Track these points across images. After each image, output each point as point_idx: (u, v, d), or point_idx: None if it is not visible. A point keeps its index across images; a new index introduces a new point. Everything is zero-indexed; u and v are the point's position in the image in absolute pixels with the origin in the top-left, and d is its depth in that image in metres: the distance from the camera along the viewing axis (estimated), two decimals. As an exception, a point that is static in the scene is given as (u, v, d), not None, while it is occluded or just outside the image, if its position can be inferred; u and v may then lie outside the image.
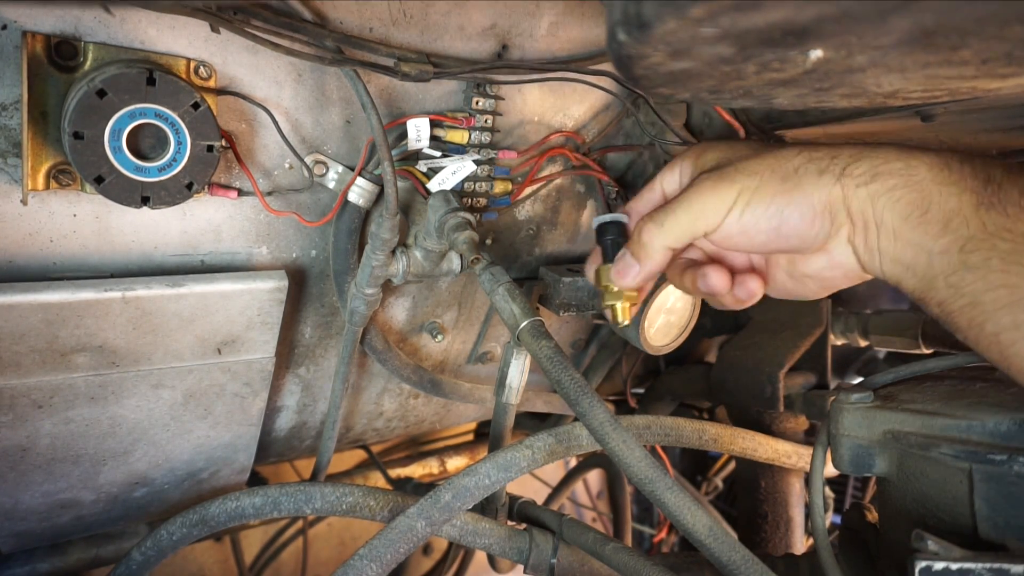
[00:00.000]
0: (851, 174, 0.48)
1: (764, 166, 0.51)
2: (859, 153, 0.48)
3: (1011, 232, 0.42)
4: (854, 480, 1.67)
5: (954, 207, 0.44)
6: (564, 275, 0.77)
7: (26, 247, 0.55)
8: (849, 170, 0.48)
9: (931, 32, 0.31)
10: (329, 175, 0.65)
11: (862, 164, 0.48)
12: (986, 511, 0.51)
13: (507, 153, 0.72)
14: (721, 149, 0.55)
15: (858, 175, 0.48)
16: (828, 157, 0.49)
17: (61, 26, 0.49)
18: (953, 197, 0.45)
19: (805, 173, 0.49)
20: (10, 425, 0.60)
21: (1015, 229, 0.42)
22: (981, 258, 0.43)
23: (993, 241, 0.43)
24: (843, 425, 0.61)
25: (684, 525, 0.53)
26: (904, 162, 0.47)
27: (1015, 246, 0.42)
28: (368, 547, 0.58)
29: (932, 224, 0.45)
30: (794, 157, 0.50)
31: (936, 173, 0.46)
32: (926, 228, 0.45)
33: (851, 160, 0.48)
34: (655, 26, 0.32)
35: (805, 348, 0.98)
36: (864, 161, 0.48)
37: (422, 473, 1.37)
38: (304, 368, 0.79)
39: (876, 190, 0.47)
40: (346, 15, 0.58)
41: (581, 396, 0.55)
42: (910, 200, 0.46)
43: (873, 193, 0.47)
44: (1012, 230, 0.42)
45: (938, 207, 0.45)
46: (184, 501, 0.81)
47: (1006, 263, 0.42)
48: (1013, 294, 0.42)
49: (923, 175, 0.46)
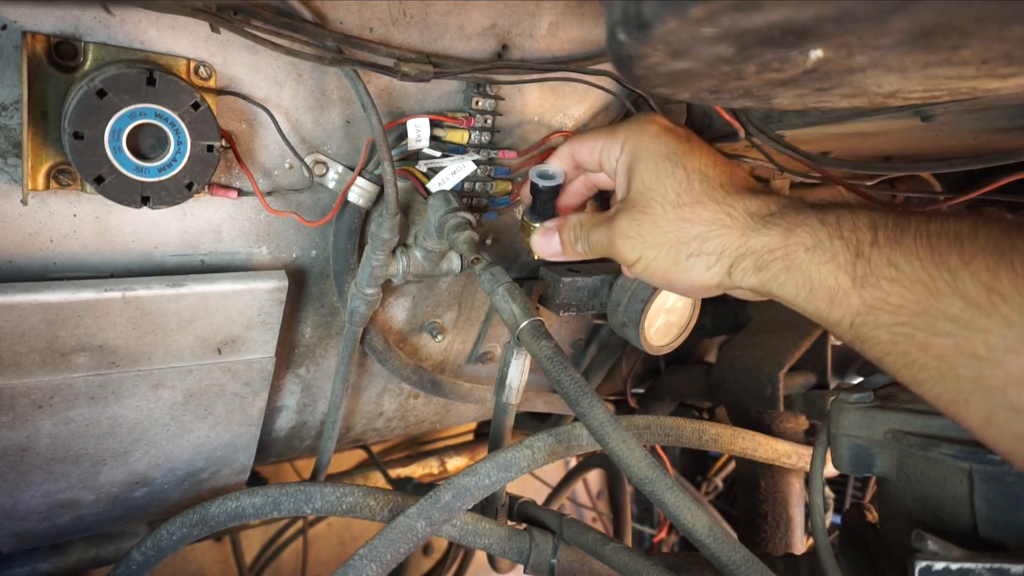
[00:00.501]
0: (737, 268, 0.53)
1: (664, 239, 0.55)
2: (744, 244, 0.52)
3: (889, 304, 0.45)
4: (854, 480, 1.67)
5: (833, 285, 0.47)
6: (564, 275, 0.77)
7: (26, 247, 0.55)
8: (734, 267, 0.53)
9: (931, 32, 0.31)
10: (329, 175, 0.65)
11: (746, 260, 0.52)
12: (986, 511, 0.51)
13: (507, 153, 0.72)
14: (647, 172, 0.58)
15: (743, 268, 0.52)
16: (716, 253, 0.53)
17: (61, 26, 0.49)
18: (831, 276, 0.47)
19: (693, 265, 0.54)
20: (10, 425, 0.60)
21: (891, 301, 0.44)
22: (869, 331, 0.46)
23: (875, 315, 0.45)
24: (843, 425, 0.61)
25: (684, 525, 0.53)
26: (783, 248, 0.50)
27: (896, 317, 0.44)
28: (368, 547, 0.58)
29: (820, 300, 0.48)
30: (691, 240, 0.54)
31: (812, 254, 0.49)
32: (816, 303, 0.49)
33: (736, 256, 0.53)
34: (655, 26, 0.32)
35: (805, 348, 0.98)
36: (748, 257, 0.52)
37: (422, 473, 1.37)
38: (304, 368, 0.79)
39: (763, 278, 0.51)
40: (346, 15, 0.58)
41: (581, 396, 0.55)
42: (795, 282, 0.49)
43: (762, 280, 0.52)
44: (889, 302, 0.45)
45: (821, 286, 0.48)
46: (184, 501, 0.81)
47: (892, 334, 0.45)
48: (905, 359, 0.44)
49: (801, 258, 0.49)
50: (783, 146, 0.74)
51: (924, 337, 0.43)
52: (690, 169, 0.56)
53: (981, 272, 0.41)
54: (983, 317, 0.41)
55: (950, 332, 0.42)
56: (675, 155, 0.57)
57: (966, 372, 0.42)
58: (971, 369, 0.41)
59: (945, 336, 0.42)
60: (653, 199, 0.56)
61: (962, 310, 0.41)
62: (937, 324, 0.42)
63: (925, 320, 0.43)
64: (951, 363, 0.42)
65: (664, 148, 0.57)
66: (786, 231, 0.50)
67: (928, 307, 0.43)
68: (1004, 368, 0.40)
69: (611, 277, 0.77)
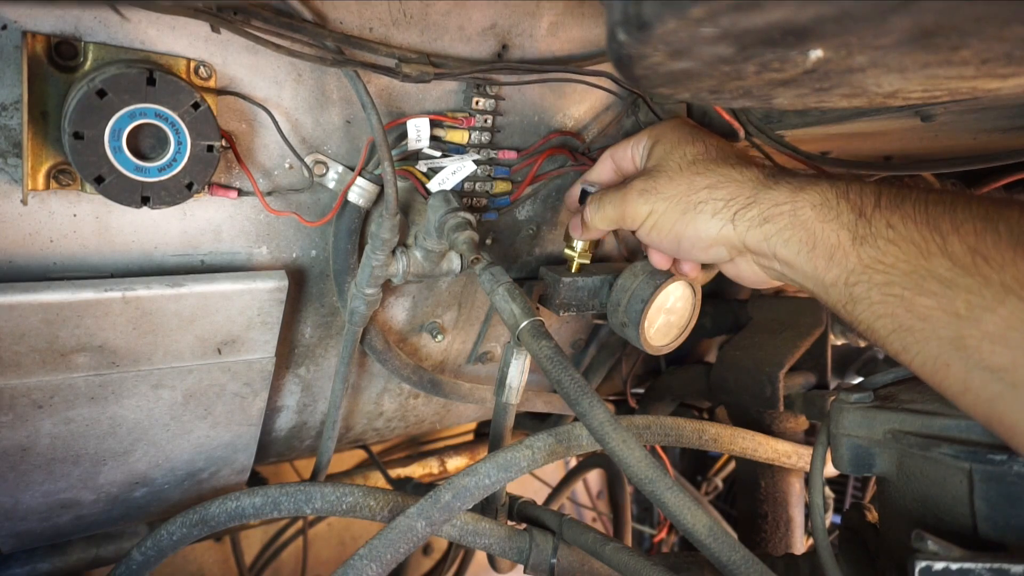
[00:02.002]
0: (743, 218, 0.55)
1: (676, 191, 0.59)
2: (753, 196, 0.55)
3: (883, 263, 0.47)
4: (854, 480, 1.67)
5: (835, 242, 0.50)
6: (564, 275, 0.77)
7: (26, 247, 0.55)
8: (740, 214, 0.55)
9: (931, 32, 0.31)
10: (329, 175, 0.65)
11: (752, 209, 0.54)
12: (986, 511, 0.51)
13: (507, 153, 0.72)
14: (668, 142, 0.63)
15: (749, 218, 0.55)
16: (724, 200, 0.56)
17: (61, 26, 0.49)
18: (833, 233, 0.50)
19: (701, 212, 0.57)
20: (10, 425, 0.60)
21: (885, 260, 0.47)
22: (863, 290, 0.48)
23: (869, 274, 0.48)
24: (843, 425, 0.61)
25: (684, 525, 0.53)
26: (791, 203, 0.52)
27: (888, 277, 0.46)
28: (368, 547, 0.58)
29: (820, 258, 0.51)
30: (700, 190, 0.58)
31: (818, 212, 0.51)
32: (815, 262, 0.51)
33: (744, 205, 0.55)
34: (655, 26, 0.32)
35: (805, 348, 0.98)
36: (755, 206, 0.54)
37: (422, 473, 1.37)
38: (304, 368, 0.79)
39: (768, 231, 0.53)
40: (346, 15, 0.58)
41: (581, 396, 0.55)
42: (799, 238, 0.52)
43: (766, 233, 0.54)
44: (883, 261, 0.47)
45: (823, 243, 0.50)
46: (184, 501, 0.81)
47: (883, 294, 0.47)
48: (893, 322, 0.46)
49: (807, 215, 0.51)
50: (783, 146, 0.74)
51: (911, 296, 0.45)
52: (708, 143, 0.62)
53: (969, 236, 0.43)
54: (966, 276, 0.42)
55: (935, 291, 0.44)
56: (696, 133, 0.63)
57: (946, 332, 0.43)
58: (951, 328, 0.43)
59: (930, 296, 0.44)
60: (671, 160, 0.61)
61: (948, 270, 0.43)
62: (925, 283, 0.44)
63: (914, 280, 0.45)
64: (934, 324, 0.44)
65: (688, 128, 0.64)
66: (795, 188, 0.53)
67: (918, 266, 0.45)
68: (980, 326, 0.41)
69: (611, 277, 0.77)
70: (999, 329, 0.41)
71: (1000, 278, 0.41)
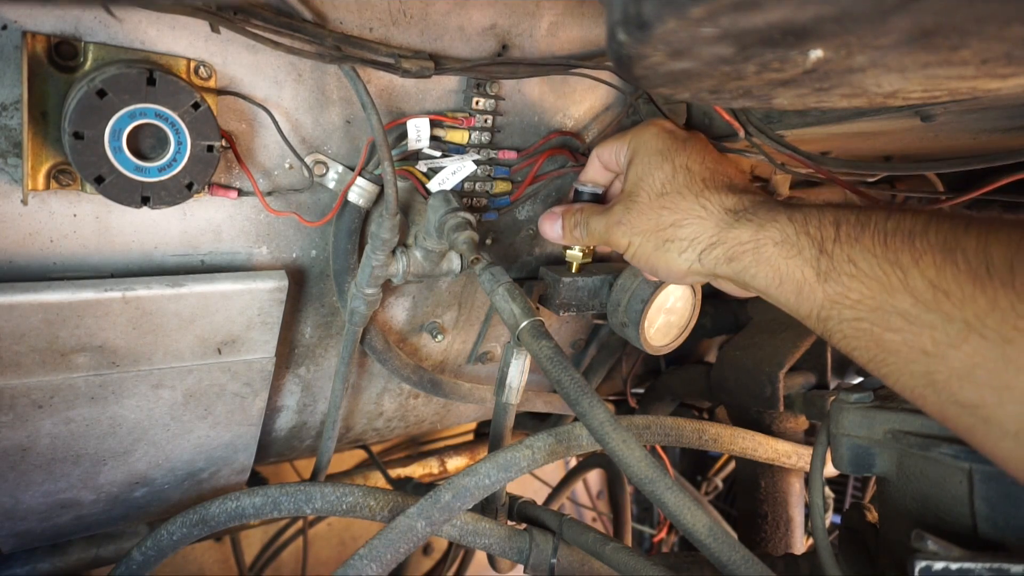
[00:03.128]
0: (708, 256, 0.56)
1: (646, 226, 0.60)
2: (716, 235, 0.56)
3: (849, 299, 0.47)
4: (854, 480, 1.67)
5: (800, 278, 0.50)
6: (564, 275, 0.77)
7: (26, 247, 0.55)
8: (706, 253, 0.56)
9: (931, 32, 0.31)
10: (329, 175, 0.65)
11: (717, 248, 0.55)
12: (986, 511, 0.51)
13: (507, 153, 0.72)
14: (641, 163, 0.63)
15: (715, 256, 0.56)
16: (689, 239, 0.57)
17: (61, 26, 0.49)
18: (798, 270, 0.50)
19: (669, 250, 0.58)
20: (10, 425, 0.60)
21: (851, 296, 0.47)
22: (835, 325, 0.48)
23: (838, 309, 0.48)
24: (843, 425, 0.61)
25: (684, 525, 0.53)
26: (754, 242, 0.53)
27: (855, 312, 0.47)
28: (368, 547, 0.58)
29: (789, 293, 0.51)
30: (667, 227, 0.58)
31: (780, 248, 0.51)
32: (786, 296, 0.51)
33: (708, 244, 0.56)
34: (655, 26, 0.32)
35: (805, 348, 0.98)
36: (719, 246, 0.55)
37: (422, 473, 1.37)
38: (304, 368, 0.79)
39: (735, 268, 0.54)
40: (346, 15, 0.58)
41: (581, 396, 0.55)
42: (765, 275, 0.52)
43: (734, 270, 0.55)
44: (849, 297, 0.47)
45: (789, 279, 0.51)
46: (184, 501, 0.81)
47: (854, 328, 0.47)
48: (868, 353, 0.47)
49: (771, 252, 0.52)
50: (783, 146, 0.74)
51: (880, 332, 0.45)
52: (677, 164, 0.60)
53: (928, 269, 0.43)
54: (928, 313, 0.42)
55: (900, 328, 0.44)
56: (667, 151, 0.62)
57: (917, 368, 0.43)
58: (921, 365, 0.43)
59: (896, 332, 0.44)
60: (642, 189, 0.61)
61: (911, 306, 0.43)
62: (890, 320, 0.44)
63: (880, 316, 0.45)
64: (904, 359, 0.44)
65: (659, 145, 0.62)
66: (757, 226, 0.53)
67: (883, 303, 0.45)
68: (947, 363, 0.42)
69: (611, 277, 0.77)
70: (965, 367, 0.41)
71: (962, 315, 0.41)
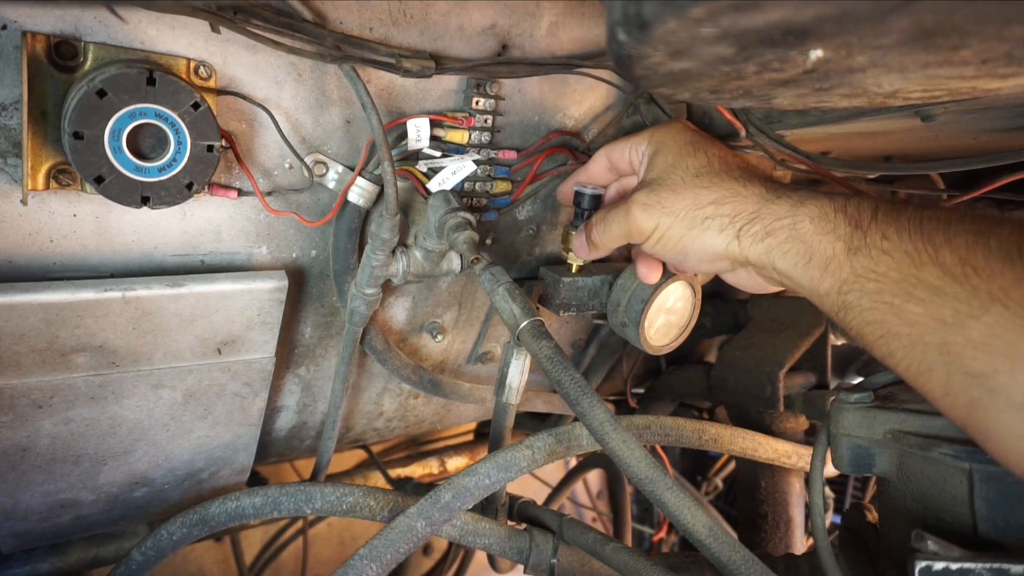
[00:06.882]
0: (747, 233, 0.57)
1: (681, 206, 0.60)
2: (757, 211, 0.57)
3: (875, 272, 0.49)
4: (854, 480, 1.67)
5: (830, 254, 0.52)
6: (564, 275, 0.77)
7: (26, 247, 0.55)
8: (745, 229, 0.57)
9: (931, 32, 0.31)
10: (329, 175, 0.65)
11: (756, 224, 0.56)
12: (986, 511, 0.51)
13: (507, 153, 0.72)
14: (670, 153, 0.63)
15: (753, 233, 0.57)
16: (730, 216, 0.58)
17: (61, 26, 0.49)
18: (829, 245, 0.52)
19: (708, 227, 0.59)
20: (10, 425, 0.60)
21: (878, 269, 0.49)
22: (855, 298, 0.50)
23: (862, 283, 0.50)
24: (843, 425, 0.61)
25: (684, 525, 0.53)
26: (792, 217, 0.55)
27: (879, 285, 0.48)
28: (368, 547, 0.58)
29: (815, 269, 0.53)
30: (706, 205, 0.59)
31: (817, 224, 0.53)
32: (811, 273, 0.53)
33: (748, 220, 0.57)
34: (655, 26, 0.32)
35: (805, 348, 0.98)
36: (758, 221, 0.56)
37: (422, 473, 1.37)
38: (304, 368, 0.79)
39: (769, 244, 0.55)
40: (346, 15, 0.58)
41: (581, 396, 0.55)
42: (796, 251, 0.54)
43: (768, 247, 0.56)
44: (876, 271, 0.49)
45: (819, 255, 0.53)
46: (184, 501, 0.81)
47: (874, 302, 0.49)
48: (882, 328, 0.48)
49: (806, 228, 0.54)
50: (783, 146, 0.74)
51: (901, 303, 0.47)
52: (711, 154, 0.62)
53: (960, 248, 0.45)
54: (955, 285, 0.44)
55: (924, 299, 0.46)
56: (698, 143, 0.63)
57: (932, 338, 0.45)
58: (936, 335, 0.45)
59: (919, 303, 0.46)
60: (674, 172, 0.62)
61: (938, 278, 0.45)
62: (915, 291, 0.46)
63: (904, 287, 0.47)
64: (921, 330, 0.46)
65: (689, 137, 0.64)
66: (796, 202, 0.55)
67: (909, 275, 0.47)
68: (964, 333, 0.43)
69: (611, 277, 0.77)
70: (982, 336, 0.42)
71: (988, 288, 0.43)
